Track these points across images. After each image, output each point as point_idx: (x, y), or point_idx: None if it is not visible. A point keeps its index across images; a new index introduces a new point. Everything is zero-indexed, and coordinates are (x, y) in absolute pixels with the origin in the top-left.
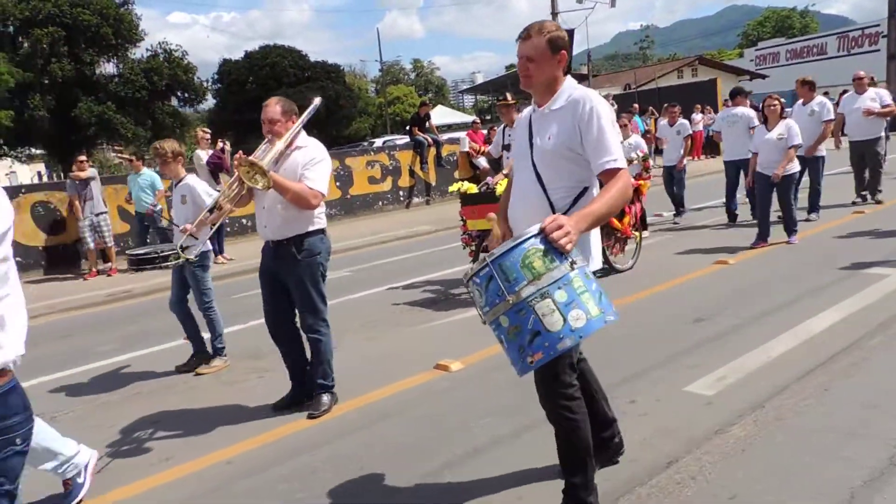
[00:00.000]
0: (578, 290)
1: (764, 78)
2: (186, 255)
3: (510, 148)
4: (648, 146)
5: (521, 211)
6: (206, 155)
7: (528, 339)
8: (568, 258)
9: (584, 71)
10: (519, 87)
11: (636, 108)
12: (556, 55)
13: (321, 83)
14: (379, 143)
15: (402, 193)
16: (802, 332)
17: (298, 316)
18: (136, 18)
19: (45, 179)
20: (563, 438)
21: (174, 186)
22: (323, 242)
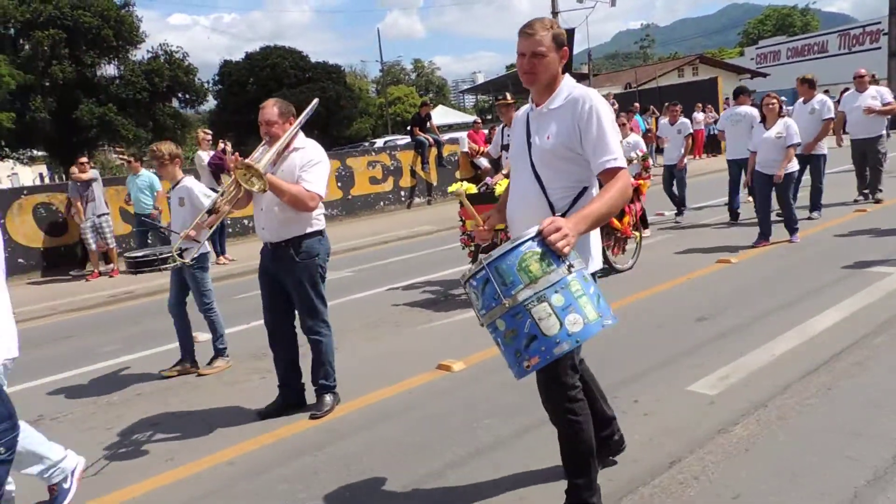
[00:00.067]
0: (576, 293)
1: (765, 76)
2: (185, 257)
3: (509, 148)
4: (650, 145)
5: (519, 211)
6: (207, 156)
7: (524, 343)
8: (565, 261)
9: (584, 70)
10: (520, 86)
11: (637, 107)
12: (559, 52)
13: (322, 84)
14: (380, 143)
15: (403, 194)
16: (805, 331)
17: (298, 318)
18: (136, 20)
19: (46, 181)
20: (566, 440)
21: (172, 189)
22: (321, 244)
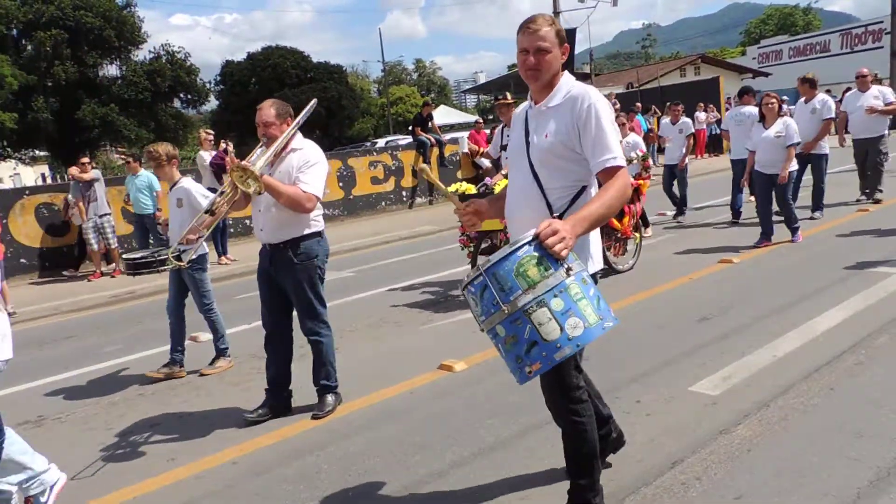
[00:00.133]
0: (575, 297)
1: (767, 76)
2: (183, 258)
3: (508, 147)
4: (651, 145)
5: (517, 211)
6: (209, 156)
7: (525, 348)
8: (564, 264)
9: (586, 70)
10: (521, 86)
11: (639, 106)
12: (561, 48)
13: (324, 84)
14: (381, 143)
15: (404, 194)
16: (807, 331)
17: (298, 319)
18: (138, 21)
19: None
20: (570, 440)
21: (170, 190)
22: (320, 245)
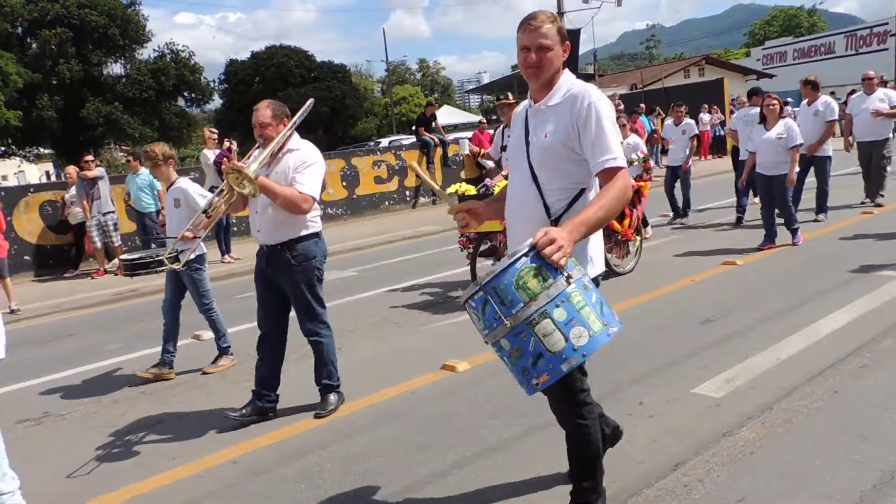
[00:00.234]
0: (578, 305)
1: (771, 77)
2: (181, 258)
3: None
4: (655, 146)
5: (515, 213)
6: (213, 155)
7: (531, 361)
8: (563, 273)
9: (590, 70)
10: (525, 87)
11: (643, 107)
12: (563, 45)
13: (327, 83)
14: (385, 143)
15: (408, 193)
16: (811, 333)
17: (297, 321)
18: (143, 19)
19: (52, 179)
20: (573, 443)
21: (167, 190)
22: (318, 246)
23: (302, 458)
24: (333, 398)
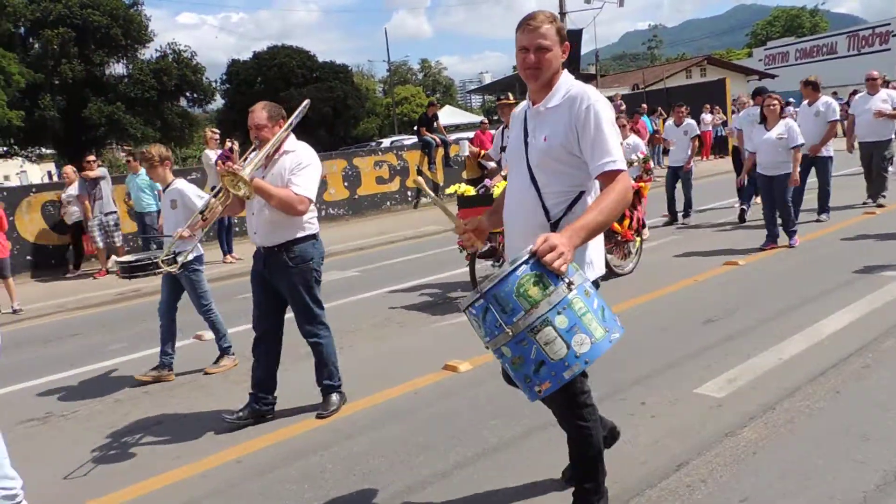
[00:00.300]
0: (579, 311)
1: (773, 77)
2: (179, 259)
3: (506, 148)
4: (657, 147)
5: (514, 216)
6: (215, 155)
7: (532, 368)
8: (564, 279)
9: (592, 71)
10: (526, 87)
11: (645, 108)
12: (562, 46)
13: (329, 83)
14: (387, 143)
15: (409, 193)
16: (813, 334)
17: (296, 322)
18: (145, 19)
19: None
20: (575, 444)
21: (163, 191)
22: (315, 248)
23: (304, 458)
24: (335, 398)
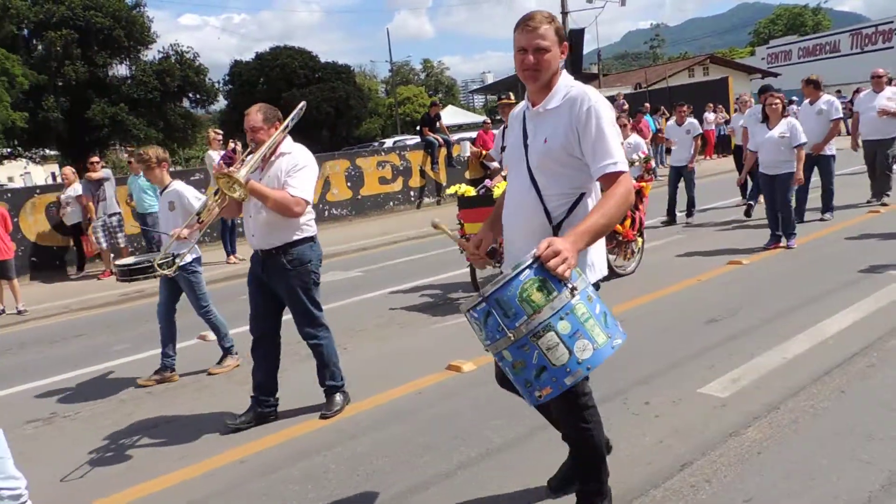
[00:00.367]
0: (582, 317)
1: (776, 76)
2: (177, 262)
3: (505, 149)
4: (660, 146)
5: (514, 217)
6: (217, 156)
7: (534, 373)
8: (567, 285)
9: (594, 70)
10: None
11: (647, 107)
12: (561, 46)
13: (331, 84)
14: (389, 143)
15: (412, 194)
16: (817, 333)
17: (295, 325)
18: (147, 21)
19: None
20: (576, 446)
21: (160, 193)
22: (313, 250)
23: (307, 458)
24: (339, 398)
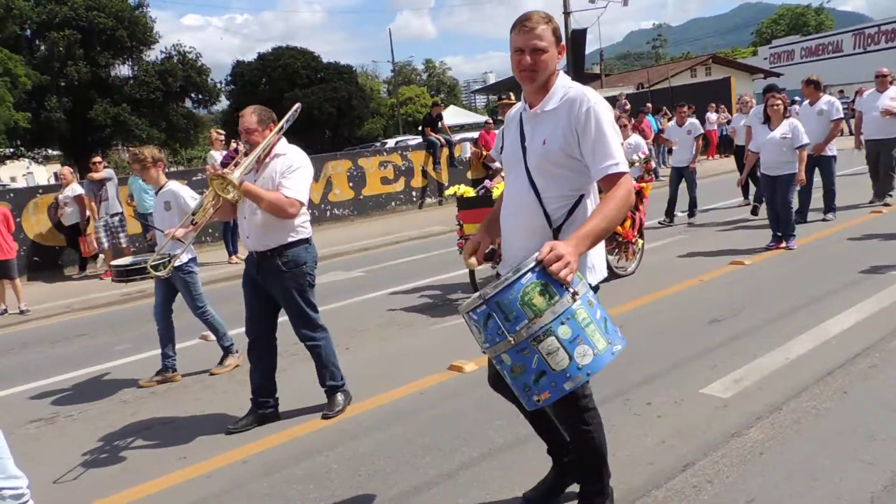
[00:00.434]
0: (583, 322)
1: (778, 76)
2: (172, 263)
3: (503, 151)
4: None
5: (513, 220)
6: (220, 156)
7: (533, 378)
8: (569, 289)
9: (596, 70)
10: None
11: (649, 107)
12: (558, 46)
13: (333, 84)
14: (391, 143)
15: (414, 194)
16: (820, 333)
17: (292, 327)
18: (150, 21)
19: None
20: (577, 448)
21: (156, 193)
22: (308, 252)
23: (310, 458)
24: (340, 398)
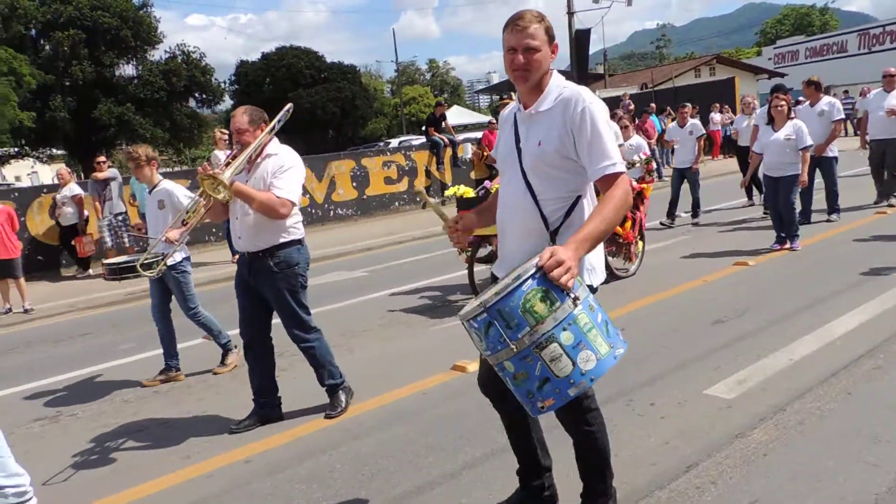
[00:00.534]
0: (585, 327)
1: (783, 76)
2: (167, 262)
3: (498, 152)
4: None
5: (510, 222)
6: (224, 156)
7: (536, 385)
8: (570, 294)
9: (600, 70)
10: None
11: (653, 107)
12: (552, 46)
13: (337, 84)
14: (395, 143)
15: (417, 194)
16: (824, 334)
17: (284, 328)
18: (154, 21)
19: None
20: (580, 449)
21: (149, 192)
22: (300, 253)
23: (313, 458)
24: (342, 396)
